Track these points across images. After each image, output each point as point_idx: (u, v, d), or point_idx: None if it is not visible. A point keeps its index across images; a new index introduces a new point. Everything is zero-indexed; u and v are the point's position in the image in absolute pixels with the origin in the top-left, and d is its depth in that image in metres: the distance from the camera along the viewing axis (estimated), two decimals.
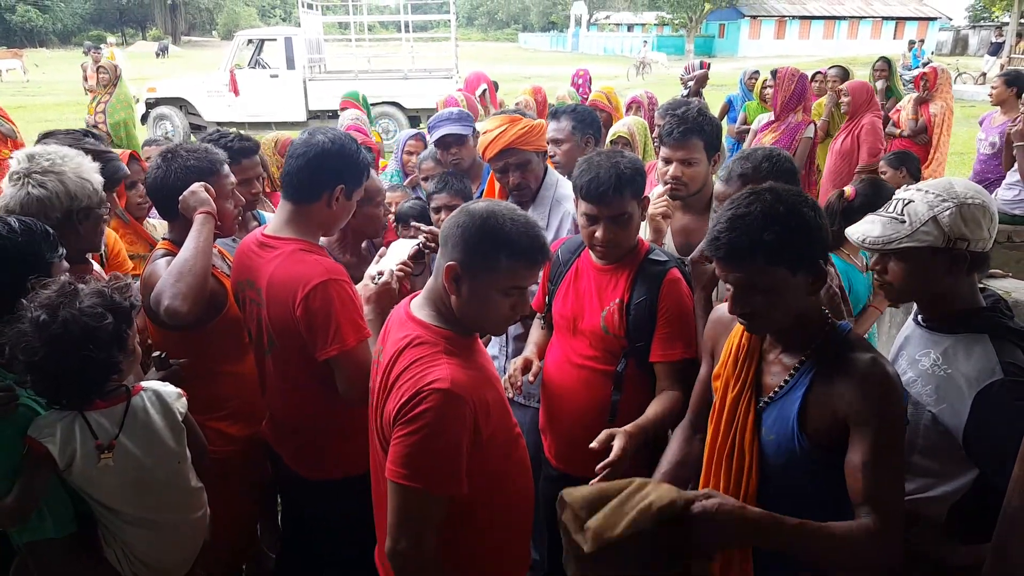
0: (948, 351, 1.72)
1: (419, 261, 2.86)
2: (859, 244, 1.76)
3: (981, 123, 5.91)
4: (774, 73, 6.02)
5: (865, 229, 1.75)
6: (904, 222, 1.68)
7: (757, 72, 8.71)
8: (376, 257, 2.60)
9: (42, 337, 1.64)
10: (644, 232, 2.68)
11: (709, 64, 8.04)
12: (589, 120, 3.35)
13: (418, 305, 1.74)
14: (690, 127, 2.54)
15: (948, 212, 1.64)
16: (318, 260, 2.10)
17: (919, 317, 1.84)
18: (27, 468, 1.70)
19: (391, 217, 3.16)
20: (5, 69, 28.60)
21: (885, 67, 7.42)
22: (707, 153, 2.56)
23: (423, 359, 1.59)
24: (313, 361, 2.08)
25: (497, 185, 3.00)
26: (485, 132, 2.81)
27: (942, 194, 1.67)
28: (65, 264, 1.89)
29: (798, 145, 5.47)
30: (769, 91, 6.06)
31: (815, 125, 6.05)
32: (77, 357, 1.67)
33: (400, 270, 2.39)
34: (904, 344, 1.89)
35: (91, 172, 2.21)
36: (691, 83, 8.00)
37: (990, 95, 5.79)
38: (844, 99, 5.79)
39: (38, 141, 2.72)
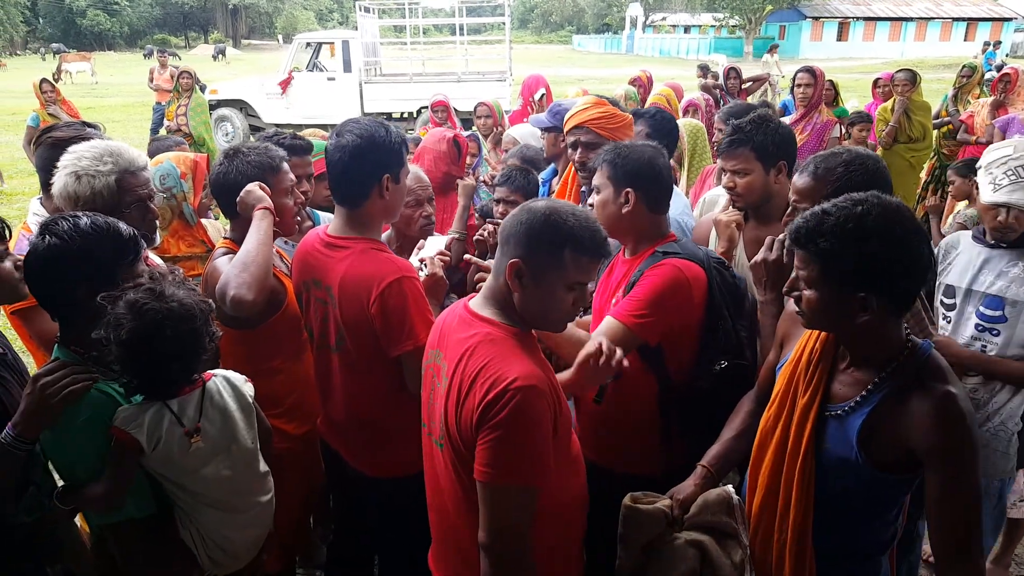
0: None
1: (456, 268, 2.91)
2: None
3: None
4: (809, 70, 5.78)
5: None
6: None
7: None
8: (415, 250, 2.66)
9: (150, 320, 1.67)
10: (713, 243, 2.62)
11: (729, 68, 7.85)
12: (666, 131, 3.26)
13: (479, 304, 1.74)
14: (738, 137, 2.48)
15: None
16: (390, 258, 2.14)
17: (990, 241, 2.47)
18: (116, 457, 1.75)
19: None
20: (75, 71, 29.77)
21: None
22: (763, 162, 2.46)
23: (498, 356, 1.60)
24: (381, 358, 2.11)
25: (568, 188, 3.06)
26: (574, 106, 2.89)
27: None
28: (142, 266, 1.86)
29: (827, 145, 5.37)
30: (802, 89, 5.85)
31: (840, 126, 5.85)
32: (184, 342, 1.73)
33: (439, 259, 2.45)
34: (983, 264, 2.49)
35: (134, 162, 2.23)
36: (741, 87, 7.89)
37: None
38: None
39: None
